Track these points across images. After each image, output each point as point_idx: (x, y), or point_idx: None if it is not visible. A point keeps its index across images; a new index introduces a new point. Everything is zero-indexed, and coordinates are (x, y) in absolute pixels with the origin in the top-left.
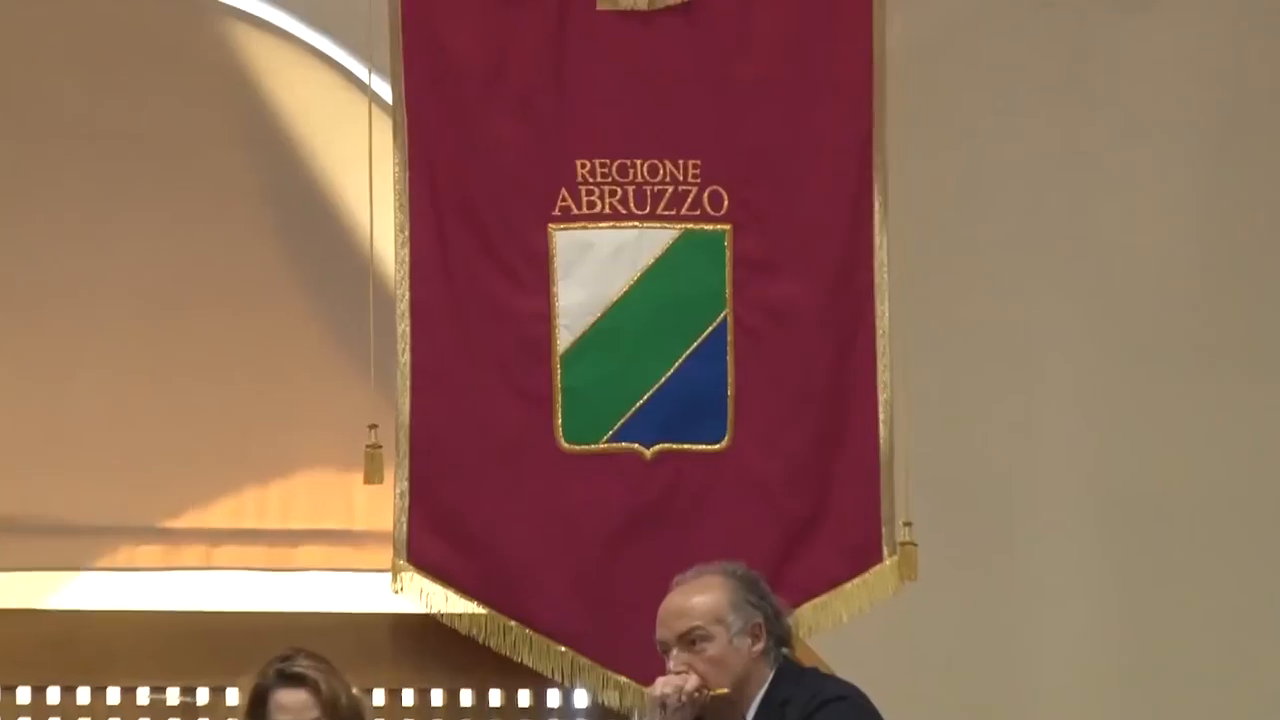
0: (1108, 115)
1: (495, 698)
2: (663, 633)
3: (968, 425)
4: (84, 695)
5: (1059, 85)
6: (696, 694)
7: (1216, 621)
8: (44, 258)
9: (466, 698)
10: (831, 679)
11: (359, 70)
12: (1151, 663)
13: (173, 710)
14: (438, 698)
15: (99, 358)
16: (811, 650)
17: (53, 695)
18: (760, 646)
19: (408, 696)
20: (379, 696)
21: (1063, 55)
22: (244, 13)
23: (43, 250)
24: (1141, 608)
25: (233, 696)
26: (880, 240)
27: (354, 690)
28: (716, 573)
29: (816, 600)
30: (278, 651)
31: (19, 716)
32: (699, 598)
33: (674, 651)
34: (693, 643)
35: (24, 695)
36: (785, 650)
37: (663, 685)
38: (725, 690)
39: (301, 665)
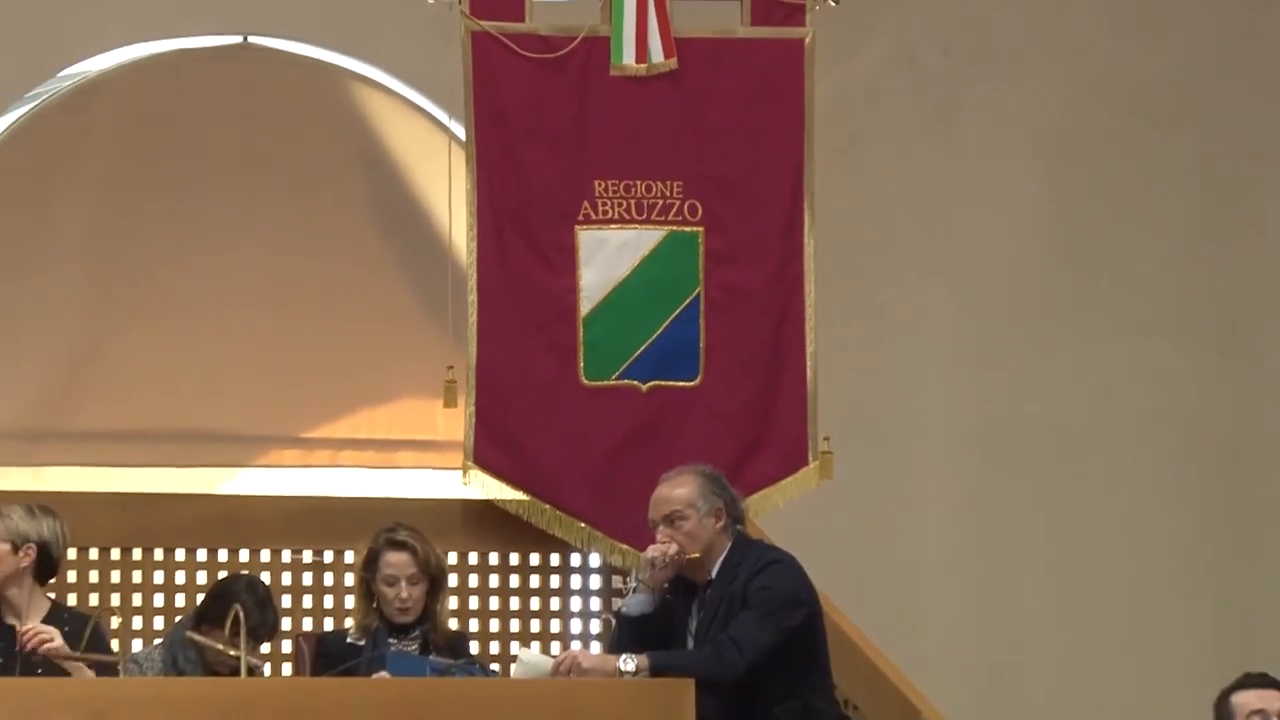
0: (975, 149)
1: (534, 558)
2: (652, 514)
3: (872, 372)
4: (244, 555)
5: (940, 129)
6: (676, 556)
7: (1050, 507)
8: (215, 247)
9: (514, 558)
10: (772, 548)
11: (442, 116)
12: (1001, 539)
13: (306, 566)
14: (494, 558)
15: (256, 321)
16: (758, 528)
17: (221, 555)
18: (721, 524)
19: (473, 557)
20: (453, 557)
21: (942, 108)
22: (360, 75)
23: (214, 241)
24: (994, 501)
25: (349, 557)
26: (809, 241)
27: (437, 551)
28: (691, 471)
29: (761, 492)
30: (384, 524)
31: (198, 569)
32: (679, 490)
33: (660, 527)
34: (673, 521)
35: (202, 554)
36: (739, 527)
37: (653, 550)
38: (697, 554)
39: (403, 534)
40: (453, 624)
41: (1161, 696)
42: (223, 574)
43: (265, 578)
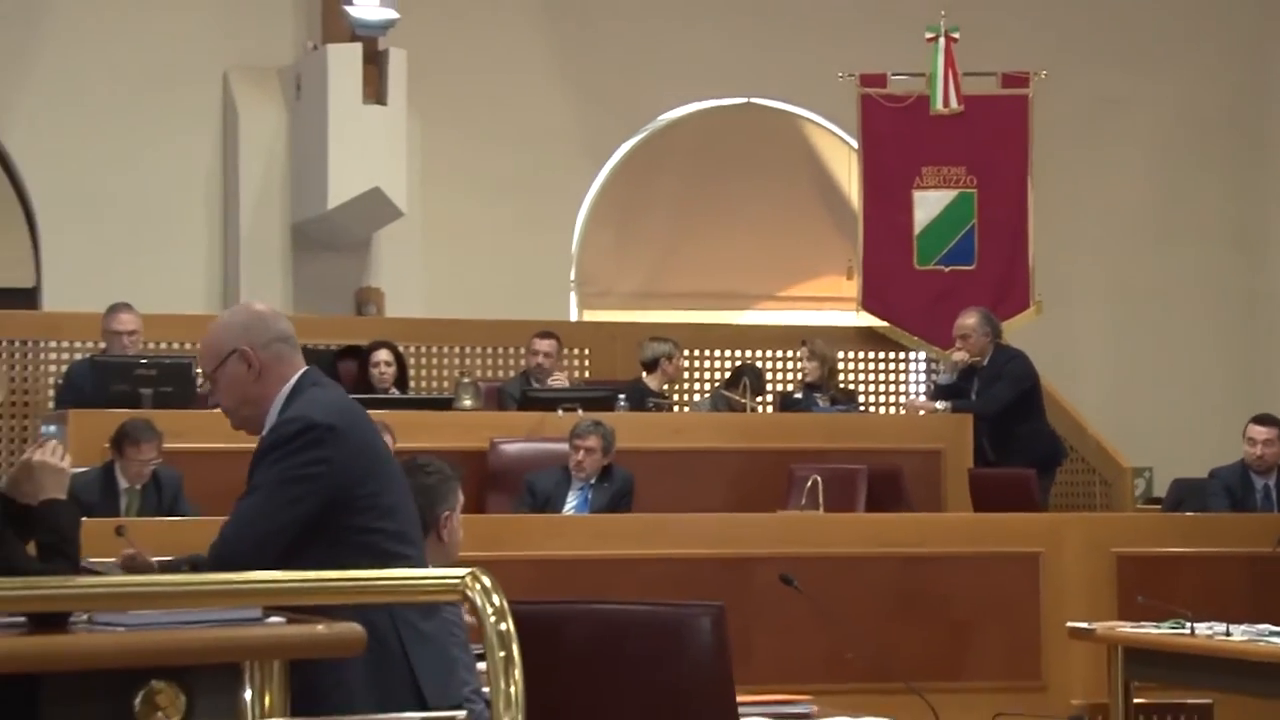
0: (1107, 145)
1: (891, 355)
2: (954, 333)
3: (1059, 261)
4: (748, 352)
5: (1089, 136)
6: (966, 359)
7: (1155, 332)
8: (730, 208)
9: (880, 354)
10: (1014, 348)
11: (846, 136)
12: (1124, 348)
13: (774, 358)
14: (870, 354)
15: (756, 241)
16: (1006, 340)
17: (737, 353)
18: (989, 338)
19: (858, 354)
20: (850, 354)
21: (1090, 124)
22: (805, 117)
23: (731, 206)
24: (1120, 327)
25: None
26: (1030, 194)
27: (832, 350)
28: (975, 310)
29: (1006, 321)
30: (807, 336)
31: (725, 361)
32: (968, 320)
33: (957, 341)
34: (965, 338)
35: (727, 353)
36: (998, 339)
37: (955, 355)
38: (978, 357)
39: (815, 340)
40: (849, 388)
41: (1218, 420)
42: (738, 364)
43: (759, 364)
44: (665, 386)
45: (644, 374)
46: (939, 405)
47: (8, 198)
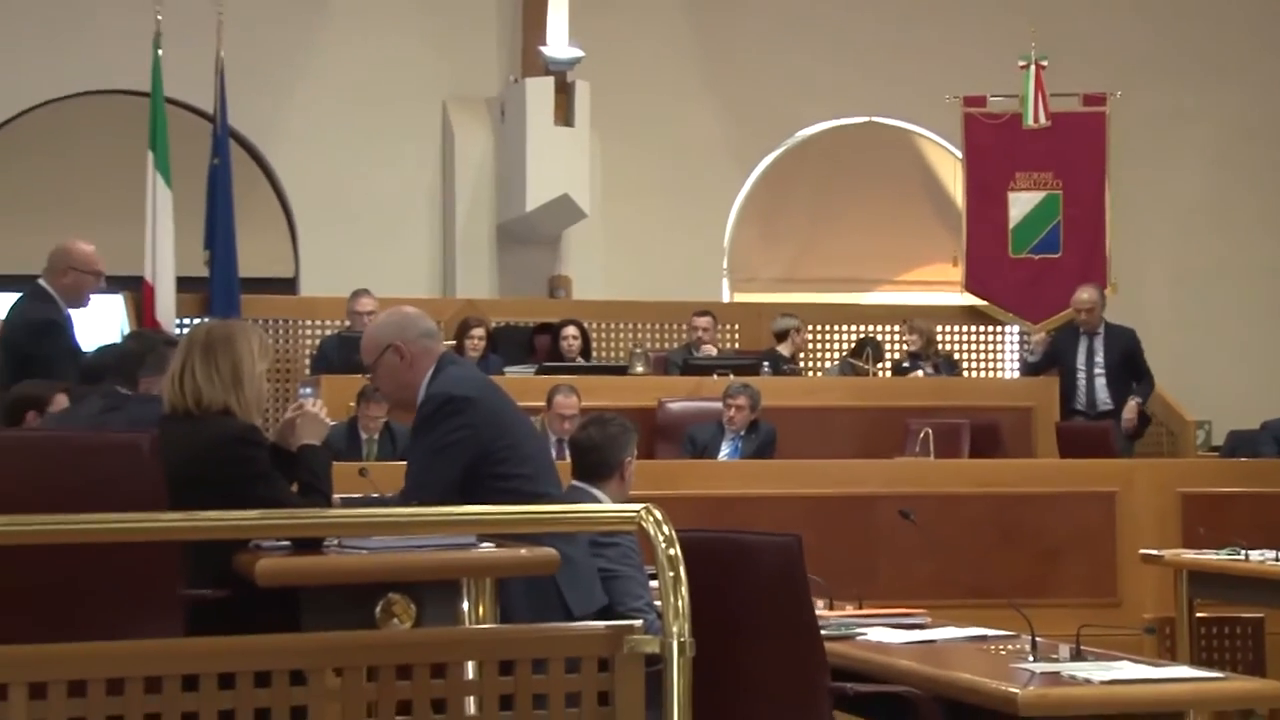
0: (1171, 148)
1: (988, 329)
2: (1074, 305)
3: (1135, 249)
4: (869, 328)
5: (1157, 143)
6: (1045, 339)
7: (1213, 310)
8: (854, 215)
9: (974, 329)
10: (1126, 326)
11: (951, 148)
12: (1191, 318)
13: (893, 331)
14: (968, 329)
15: (875, 240)
16: None
17: (859, 327)
18: (1102, 310)
19: (959, 327)
20: (953, 327)
21: (1160, 131)
22: (918, 132)
23: (852, 210)
24: (1188, 301)
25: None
26: (1107, 192)
27: (931, 325)
28: (1090, 285)
29: None
30: (908, 315)
31: (844, 336)
32: (1087, 295)
33: (1082, 314)
34: (1089, 310)
35: (850, 327)
36: None
37: (1040, 328)
38: (1094, 326)
39: (914, 319)
40: (951, 356)
41: (1268, 380)
42: (861, 337)
43: (878, 336)
44: (801, 355)
45: (776, 344)
46: (1133, 401)
47: (272, 204)
